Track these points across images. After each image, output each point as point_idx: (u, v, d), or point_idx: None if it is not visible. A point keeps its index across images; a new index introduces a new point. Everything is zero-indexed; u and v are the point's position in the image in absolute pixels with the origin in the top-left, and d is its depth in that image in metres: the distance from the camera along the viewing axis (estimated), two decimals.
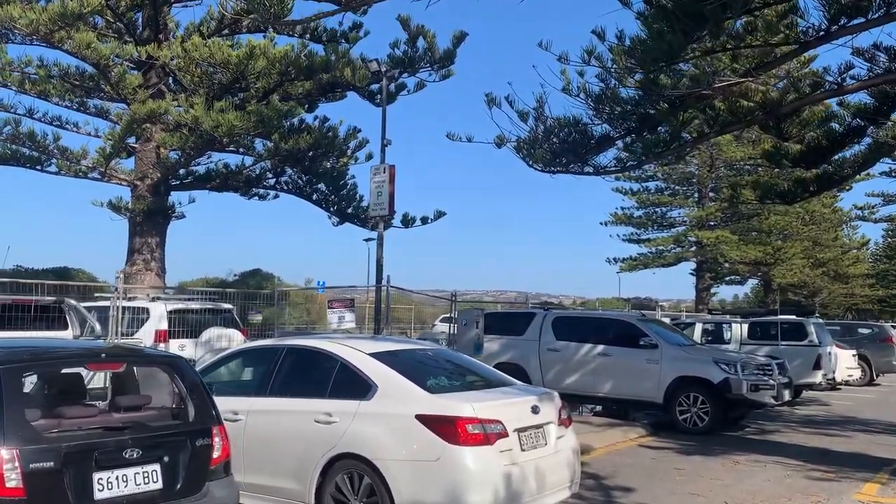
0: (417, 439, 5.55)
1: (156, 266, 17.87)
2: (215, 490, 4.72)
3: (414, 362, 6.63)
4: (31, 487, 3.93)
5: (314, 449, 5.95)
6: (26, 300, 10.19)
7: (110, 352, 5.63)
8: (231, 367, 7.49)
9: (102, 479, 4.22)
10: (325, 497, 5.85)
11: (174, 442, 4.63)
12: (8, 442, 3.95)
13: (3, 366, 4.23)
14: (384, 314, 13.35)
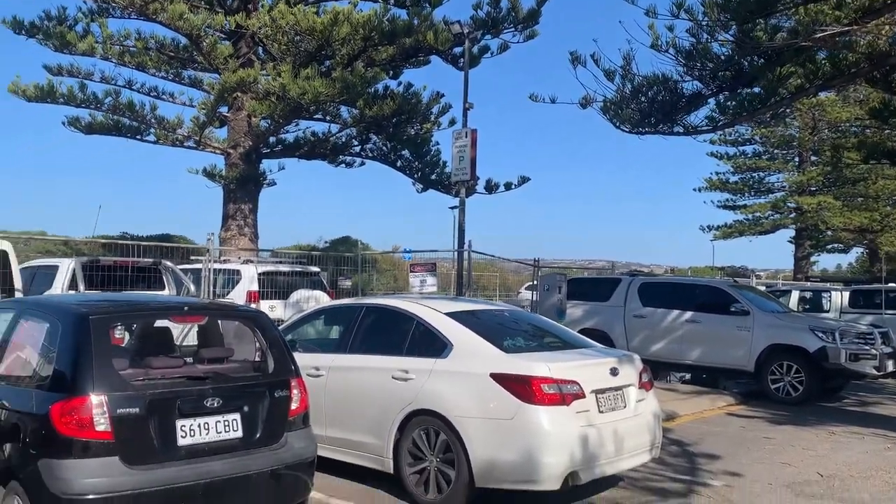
0: (492, 398, 5.52)
1: (249, 231, 18.46)
2: (293, 440, 4.84)
3: (490, 323, 6.59)
4: (118, 431, 4.13)
5: (392, 405, 6.02)
6: (127, 261, 10.73)
7: (193, 305, 5.85)
8: (313, 325, 7.67)
9: (185, 426, 4.39)
10: (403, 452, 5.92)
11: (254, 393, 4.77)
12: (97, 389, 4.15)
13: (93, 316, 4.45)
14: (466, 280, 13.34)
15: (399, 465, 5.95)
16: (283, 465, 4.70)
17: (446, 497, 5.63)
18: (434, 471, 5.73)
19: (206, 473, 4.34)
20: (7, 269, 8.67)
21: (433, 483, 5.73)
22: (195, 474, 4.30)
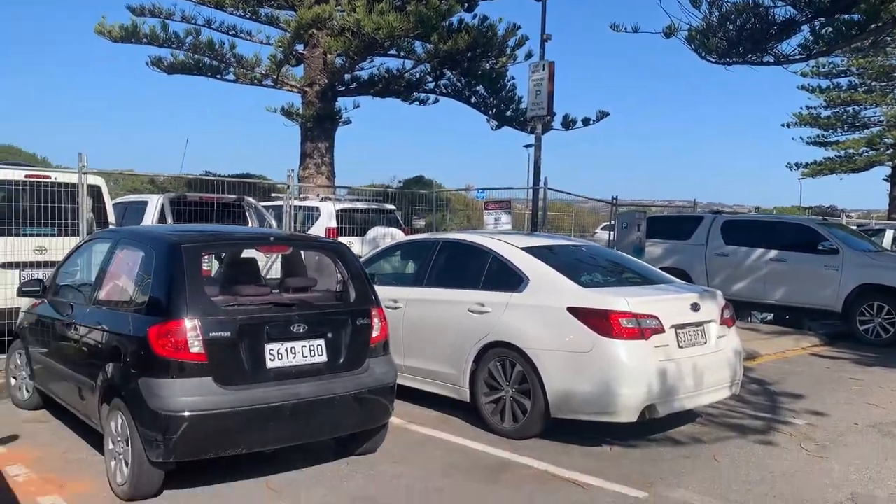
0: (569, 331, 5.53)
1: (326, 170, 18.72)
2: (375, 366, 5.00)
3: (567, 258, 6.56)
4: (211, 353, 4.35)
5: (468, 337, 6.11)
6: (211, 197, 11.06)
7: (278, 236, 6.02)
8: (391, 259, 7.80)
9: (273, 349, 4.58)
10: (479, 382, 6.03)
11: (337, 320, 4.92)
12: (190, 313, 4.36)
13: (185, 245, 4.65)
14: (541, 218, 13.22)
15: (475, 394, 6.08)
16: (366, 390, 4.87)
17: (522, 426, 5.73)
18: (510, 401, 5.82)
19: (292, 395, 4.54)
20: (101, 203, 9.08)
21: (509, 412, 5.83)
22: (283, 395, 4.51)
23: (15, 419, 6.21)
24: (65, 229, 8.50)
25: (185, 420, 4.21)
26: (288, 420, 4.54)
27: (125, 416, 4.41)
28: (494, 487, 4.81)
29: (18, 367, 6.59)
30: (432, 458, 5.36)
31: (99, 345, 4.90)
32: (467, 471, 5.09)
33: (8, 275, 8.14)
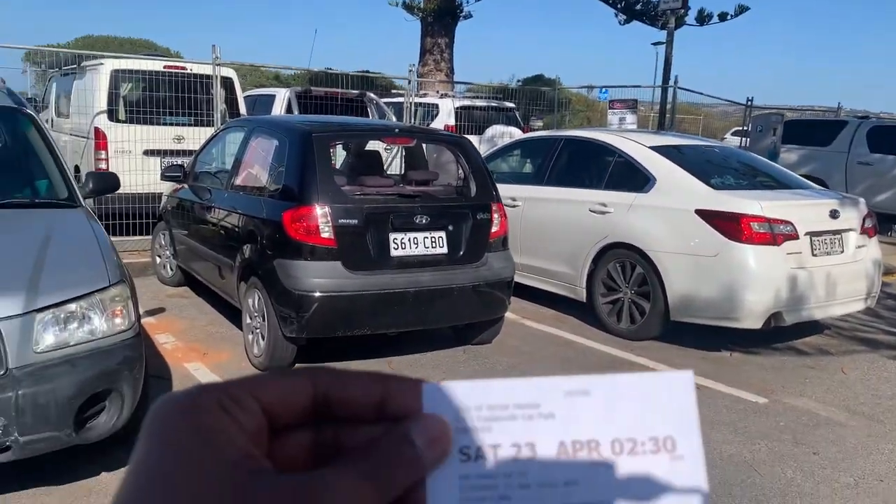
0: (696, 234, 5.37)
1: (445, 67, 18.56)
2: (493, 261, 5.06)
3: (697, 158, 6.28)
4: (340, 239, 4.52)
5: (587, 237, 6.05)
6: (335, 92, 11.24)
7: (403, 128, 6.08)
8: (511, 156, 7.73)
9: (397, 239, 4.71)
10: (596, 283, 6.01)
11: (458, 214, 4.98)
12: (321, 200, 4.52)
13: (316, 134, 4.77)
14: (669, 120, 12.65)
15: (592, 294, 6.07)
16: (484, 282, 4.96)
17: (639, 328, 5.70)
18: (628, 302, 5.79)
19: (414, 283, 4.69)
20: (233, 95, 9.44)
21: (626, 314, 5.80)
22: (405, 283, 4.66)
23: (161, 294, 6.77)
24: (200, 119, 8.93)
25: (316, 300, 4.45)
26: (410, 306, 4.71)
27: (261, 293, 4.71)
28: None
29: (163, 246, 7.12)
30: (547, 352, 5.46)
31: (236, 227, 5.19)
32: (582, 366, 5.15)
33: (150, 162, 8.68)
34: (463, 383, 0.37)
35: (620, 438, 0.36)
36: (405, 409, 0.36)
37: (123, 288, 3.09)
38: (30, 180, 4.12)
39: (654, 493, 0.36)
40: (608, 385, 0.37)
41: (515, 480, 0.36)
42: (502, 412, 0.37)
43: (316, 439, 0.37)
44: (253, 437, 0.34)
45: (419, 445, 0.35)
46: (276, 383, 0.36)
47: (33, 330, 2.74)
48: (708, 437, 4.06)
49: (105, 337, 2.95)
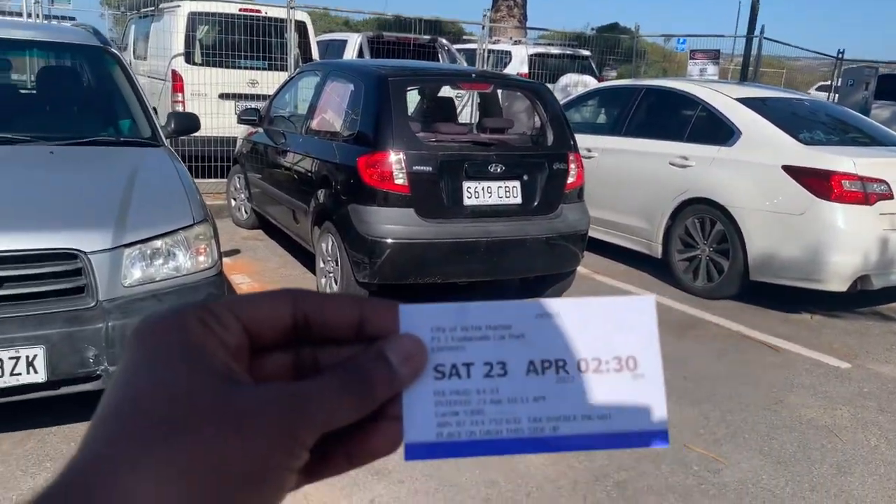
0: (782, 191, 5.14)
1: (518, 13, 18.10)
2: (568, 213, 4.96)
3: (786, 111, 5.97)
4: (413, 186, 4.49)
5: (666, 191, 5.87)
6: (407, 38, 11.12)
7: (480, 73, 5.96)
8: (587, 105, 7.52)
9: (470, 187, 4.65)
10: (673, 239, 5.84)
11: (533, 163, 4.87)
12: (396, 146, 4.48)
13: (392, 78, 4.71)
14: (753, 72, 12.09)
15: (667, 250, 5.91)
16: (558, 234, 4.87)
17: (716, 286, 5.54)
18: (705, 259, 5.62)
19: (487, 232, 4.64)
20: (306, 39, 9.43)
21: (703, 271, 5.64)
22: (478, 232, 4.61)
23: (236, 236, 6.91)
24: (274, 63, 8.96)
25: (389, 246, 4.45)
26: (481, 256, 4.67)
27: (335, 238, 4.74)
28: (683, 341, 4.75)
29: (237, 189, 7.24)
30: None
31: (310, 172, 5.21)
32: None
33: (225, 105, 8.79)
34: (438, 305, 0.39)
35: (586, 358, 0.39)
36: (383, 331, 0.38)
37: (207, 227, 3.14)
38: (114, 119, 4.19)
39: (615, 408, 0.39)
40: (575, 308, 0.39)
41: (487, 396, 0.38)
42: (475, 333, 0.39)
43: (296, 360, 0.38)
44: (234, 354, 0.35)
45: (394, 363, 0.37)
46: (256, 303, 0.37)
47: (122, 264, 2.81)
48: (787, 401, 3.96)
49: (189, 274, 3.01)
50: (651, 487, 3.06)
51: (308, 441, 0.34)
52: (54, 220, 2.79)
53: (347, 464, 0.38)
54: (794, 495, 3.08)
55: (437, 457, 0.38)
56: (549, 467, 3.14)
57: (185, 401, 0.31)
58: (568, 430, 0.39)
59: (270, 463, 0.32)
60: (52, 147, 3.53)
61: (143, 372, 0.33)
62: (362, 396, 0.36)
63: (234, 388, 0.33)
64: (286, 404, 0.33)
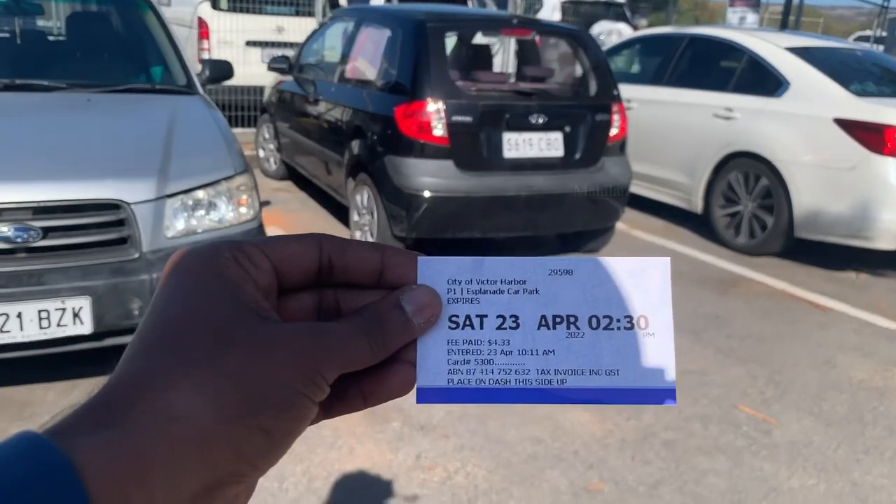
0: (831, 144, 4.96)
1: None
2: (610, 166, 4.82)
3: (836, 61, 5.73)
4: (453, 137, 4.37)
5: (709, 144, 5.70)
6: None
7: (521, 20, 5.75)
8: (626, 54, 7.29)
9: (511, 139, 4.52)
10: (715, 194, 5.69)
11: (575, 114, 4.72)
12: (435, 95, 4.35)
13: (430, 24, 4.55)
14: (794, 20, 11.65)
15: (709, 206, 5.76)
16: (599, 188, 4.74)
17: (759, 243, 5.40)
18: (748, 215, 5.47)
19: (527, 186, 4.53)
20: None
21: (746, 227, 5.49)
22: (518, 186, 4.50)
23: (265, 187, 6.83)
24: (301, 10, 8.76)
25: (426, 200, 4.35)
26: (521, 210, 4.57)
27: (371, 191, 4.65)
28: (726, 299, 4.65)
29: (266, 140, 7.14)
30: None
31: (345, 122, 5.10)
32: (696, 280, 4.94)
33: (251, 53, 8.64)
34: (455, 259, 0.40)
35: (598, 315, 0.40)
36: (402, 279, 0.40)
37: (248, 177, 3.06)
38: (148, 66, 4.10)
39: (624, 364, 0.40)
40: (590, 266, 0.40)
41: (498, 347, 0.40)
42: (491, 286, 0.40)
43: (319, 303, 0.40)
44: (264, 291, 0.36)
45: (409, 311, 0.38)
46: (285, 245, 0.38)
47: (164, 215, 2.75)
48: (836, 361, 3.86)
49: (231, 225, 2.94)
50: (700, 448, 3.00)
51: (329, 376, 0.35)
52: (97, 170, 2.73)
53: (363, 402, 0.39)
54: (847, 458, 3.01)
55: (446, 401, 0.40)
56: (596, 425, 3.09)
57: (219, 329, 0.33)
58: (575, 383, 0.40)
59: (293, 391, 0.34)
60: (89, 94, 3.45)
61: (180, 300, 0.34)
62: (378, 342, 0.37)
63: (263, 322, 0.34)
64: (310, 341, 0.35)
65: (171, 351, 0.32)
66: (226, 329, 0.33)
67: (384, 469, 2.70)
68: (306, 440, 2.81)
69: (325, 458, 2.74)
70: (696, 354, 3.83)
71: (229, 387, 0.32)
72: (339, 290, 0.40)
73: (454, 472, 2.71)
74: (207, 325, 0.33)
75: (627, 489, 2.69)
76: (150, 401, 0.31)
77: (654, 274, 0.40)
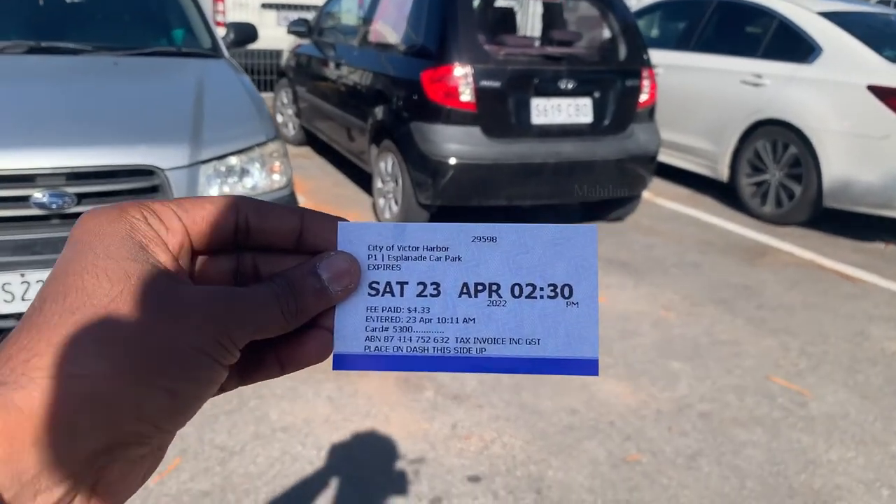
0: (865, 113, 4.85)
1: None
2: (639, 133, 4.74)
3: (871, 26, 5.58)
4: (480, 103, 4.29)
5: (736, 111, 5.60)
6: None
7: None
8: (651, 18, 7.14)
9: (539, 105, 4.44)
10: (741, 162, 5.60)
11: (605, 79, 4.63)
12: (463, 59, 4.26)
13: None
14: None
15: (735, 174, 5.68)
16: (628, 156, 4.67)
17: (786, 212, 5.33)
18: (775, 184, 5.39)
19: (555, 153, 4.46)
20: None
21: (772, 196, 5.42)
22: (546, 153, 4.44)
23: None
24: None
25: (453, 167, 4.29)
26: (548, 178, 4.51)
27: (396, 157, 4.59)
28: (754, 269, 4.60)
29: (284, 104, 7.06)
30: (685, 233, 5.19)
31: (368, 87, 5.02)
32: (723, 250, 4.88)
33: (267, 15, 8.52)
34: (377, 224, 0.40)
35: (521, 283, 0.39)
36: (322, 244, 0.39)
37: (280, 144, 3.01)
38: (172, 29, 4.02)
39: (545, 334, 0.39)
40: (514, 233, 0.39)
41: (418, 315, 0.39)
42: (412, 253, 0.40)
43: (237, 267, 0.39)
44: (174, 253, 0.36)
45: (325, 279, 0.38)
46: (199, 206, 0.37)
47: (198, 182, 2.70)
48: (868, 333, 3.82)
49: (264, 193, 2.90)
50: (736, 419, 2.98)
51: (238, 341, 0.34)
52: (131, 136, 2.68)
53: (279, 369, 0.39)
54: (886, 430, 2.98)
55: (363, 368, 0.39)
56: (630, 396, 3.07)
57: (125, 289, 0.32)
58: (495, 352, 0.39)
59: (200, 353, 0.33)
60: (116, 58, 3.39)
61: (88, 260, 0.33)
62: (292, 310, 0.37)
63: (172, 284, 0.34)
64: (220, 304, 0.34)
65: (72, 309, 0.31)
66: (132, 289, 0.32)
67: (420, 438, 2.69)
68: (341, 409, 2.81)
69: (360, 427, 2.73)
70: (727, 325, 3.80)
71: (133, 346, 0.31)
72: (258, 255, 0.39)
73: (490, 441, 2.70)
74: (113, 286, 0.32)
75: (666, 460, 2.68)
76: (48, 356, 0.30)
77: (581, 242, 0.39)
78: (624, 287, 4.15)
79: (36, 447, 0.29)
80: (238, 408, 2.78)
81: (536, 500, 2.41)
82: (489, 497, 2.40)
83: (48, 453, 0.29)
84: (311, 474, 2.46)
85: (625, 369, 3.29)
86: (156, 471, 1.85)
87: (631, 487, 2.52)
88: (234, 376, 0.38)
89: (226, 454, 2.51)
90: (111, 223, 0.34)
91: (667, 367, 3.35)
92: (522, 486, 2.47)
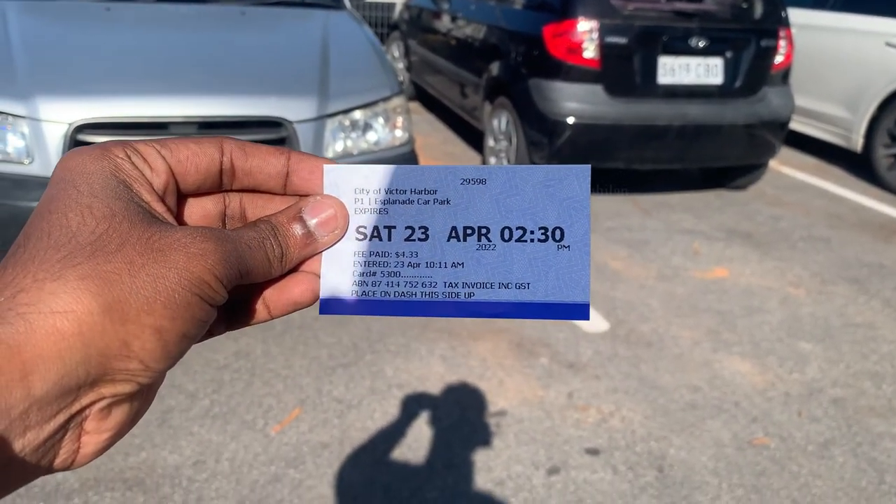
0: None
1: None
2: (772, 97, 4.45)
3: None
4: (604, 60, 4.11)
5: (877, 76, 5.17)
6: None
7: None
8: None
9: (666, 64, 4.22)
10: (879, 132, 5.19)
11: (739, 39, 4.35)
12: (588, 13, 4.08)
13: None
14: None
15: (870, 144, 5.27)
16: (758, 121, 4.40)
17: None
18: None
19: (681, 116, 4.24)
20: None
21: None
22: (671, 114, 4.22)
23: None
24: None
25: (571, 126, 4.15)
26: (672, 141, 4.30)
27: (511, 115, 4.48)
28: (890, 247, 4.27)
29: (395, 58, 7.02)
30: (813, 206, 4.87)
31: (484, 41, 4.90)
32: (855, 225, 4.56)
33: None
34: (364, 167, 0.39)
35: (510, 226, 0.39)
36: (308, 186, 0.38)
37: (403, 99, 2.96)
38: None
39: (535, 278, 0.38)
40: (504, 175, 0.39)
41: (406, 259, 0.39)
42: (400, 196, 0.39)
43: (224, 210, 0.39)
44: (159, 194, 0.35)
45: (311, 225, 0.38)
46: (184, 146, 0.36)
47: (324, 136, 2.69)
48: None
49: (387, 148, 2.87)
50: (873, 408, 2.78)
51: (224, 281, 0.34)
52: (260, 86, 2.69)
53: (267, 313, 0.38)
54: None
55: (350, 313, 0.39)
56: (756, 376, 2.91)
57: (110, 228, 0.32)
58: (484, 296, 0.39)
59: (187, 292, 0.32)
60: (242, 7, 3.40)
61: (72, 197, 0.32)
62: (277, 256, 0.36)
63: (156, 223, 0.33)
64: (205, 245, 0.33)
65: (56, 246, 0.31)
66: (116, 227, 0.32)
67: (536, 406, 2.64)
68: (455, 370, 2.78)
69: (475, 390, 2.70)
70: (862, 306, 3.55)
71: (118, 284, 0.31)
72: (245, 197, 0.39)
73: (609, 414, 2.62)
74: (97, 224, 0.32)
75: (795, 447, 2.53)
76: (34, 292, 0.30)
77: (573, 183, 0.38)
78: (748, 260, 3.93)
79: (23, 383, 0.29)
80: (354, 361, 2.80)
81: (658, 477, 2.33)
82: (608, 471, 2.33)
83: (36, 389, 0.29)
84: (426, 433, 2.45)
85: (750, 347, 3.12)
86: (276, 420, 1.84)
87: (758, 472, 2.39)
88: (223, 320, 0.38)
89: (343, 407, 2.53)
90: (94, 162, 0.34)
91: (796, 347, 3.16)
92: (643, 462, 2.39)
